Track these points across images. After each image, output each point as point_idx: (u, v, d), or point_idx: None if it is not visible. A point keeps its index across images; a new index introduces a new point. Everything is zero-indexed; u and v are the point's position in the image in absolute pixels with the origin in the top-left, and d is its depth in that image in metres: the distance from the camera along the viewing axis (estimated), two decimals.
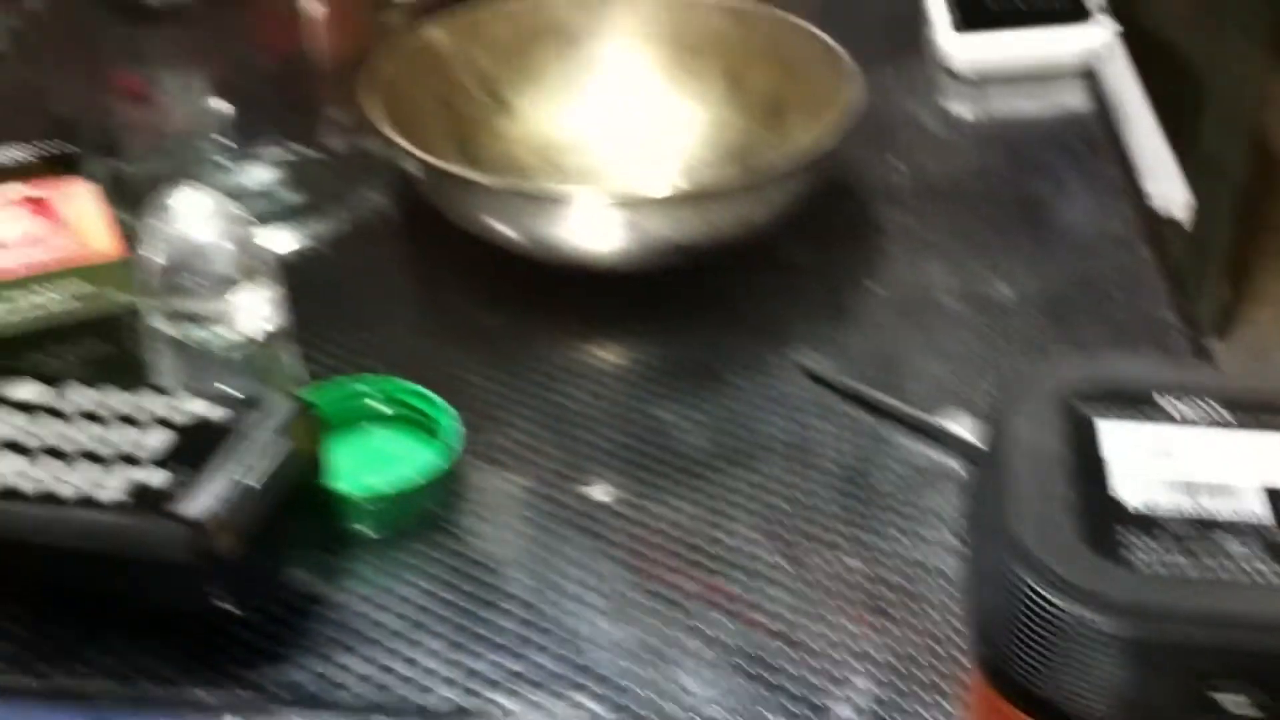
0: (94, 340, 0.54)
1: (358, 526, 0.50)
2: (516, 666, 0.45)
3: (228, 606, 0.43)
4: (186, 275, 0.50)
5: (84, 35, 0.68)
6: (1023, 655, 0.31)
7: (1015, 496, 0.31)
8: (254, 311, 0.51)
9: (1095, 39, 0.76)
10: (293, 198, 0.66)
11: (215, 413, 0.46)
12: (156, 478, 0.43)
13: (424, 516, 0.50)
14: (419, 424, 0.53)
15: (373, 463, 0.52)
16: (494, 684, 0.45)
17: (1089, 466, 0.33)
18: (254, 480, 0.44)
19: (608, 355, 0.59)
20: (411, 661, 0.45)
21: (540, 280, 0.62)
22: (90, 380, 0.49)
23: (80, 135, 0.65)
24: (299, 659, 0.45)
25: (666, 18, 0.69)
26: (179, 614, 0.46)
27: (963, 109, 0.75)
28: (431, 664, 0.45)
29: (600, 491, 0.52)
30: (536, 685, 0.45)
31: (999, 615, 0.32)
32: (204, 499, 0.43)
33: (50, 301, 0.54)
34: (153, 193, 0.64)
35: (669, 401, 0.56)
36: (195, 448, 0.45)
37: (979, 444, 0.52)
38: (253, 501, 0.44)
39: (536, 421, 0.55)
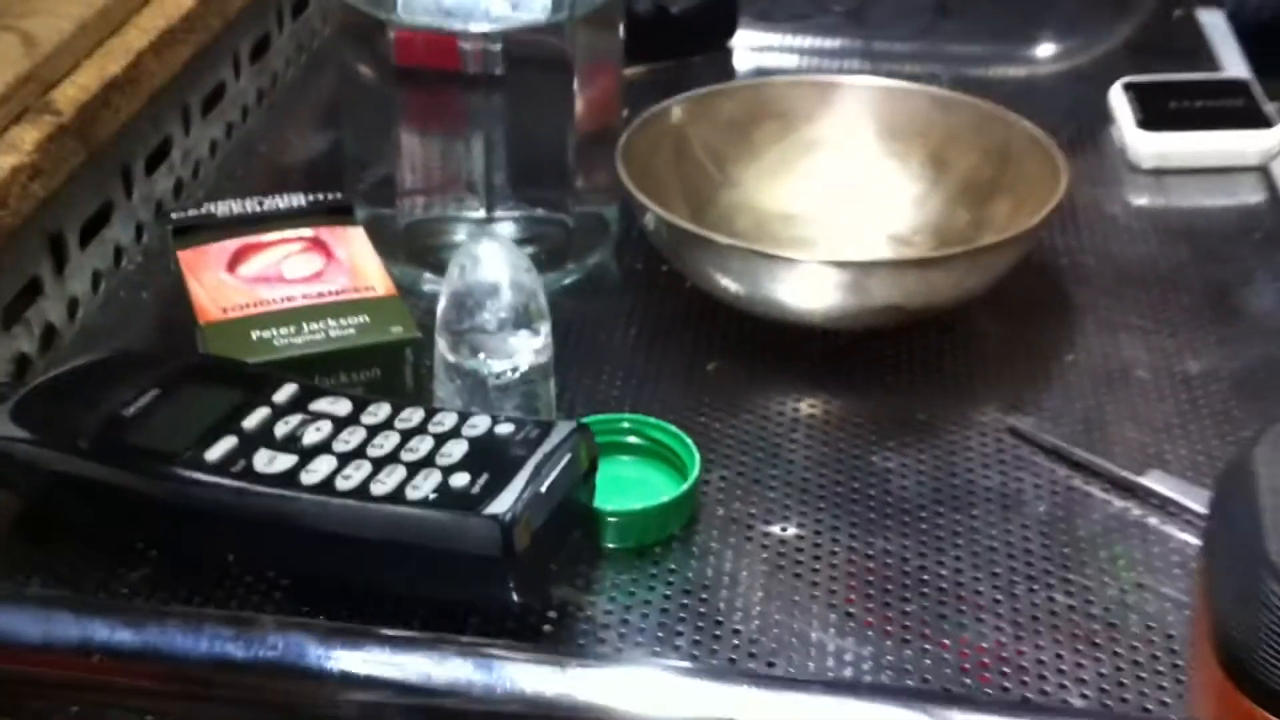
0: (371, 367, 0.61)
1: (607, 540, 0.55)
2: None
3: (515, 597, 0.49)
4: (474, 311, 0.56)
5: (358, 96, 0.76)
6: (1270, 659, 0.36)
7: (1269, 526, 0.36)
8: (527, 347, 0.57)
9: (1272, 142, 0.80)
10: (533, 252, 0.72)
11: (504, 428, 0.52)
12: (459, 480, 0.49)
13: (664, 536, 0.56)
14: (663, 457, 0.59)
15: (621, 487, 0.58)
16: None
17: None
18: (543, 486, 0.50)
19: (823, 405, 0.64)
20: None
21: (759, 334, 0.68)
22: (379, 400, 0.55)
23: (349, 186, 0.73)
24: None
25: (877, 105, 0.75)
26: (456, 607, 0.52)
27: (1144, 200, 0.80)
28: None
29: (820, 525, 0.57)
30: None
31: (1248, 625, 0.37)
32: (506, 499, 0.48)
33: (332, 331, 0.61)
34: (418, 240, 0.72)
35: (883, 450, 0.61)
36: (489, 457, 0.51)
37: (1176, 498, 0.57)
38: (542, 505, 0.49)
39: (760, 460, 0.61)
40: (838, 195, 0.75)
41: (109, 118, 0.70)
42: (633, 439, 0.59)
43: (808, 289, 0.63)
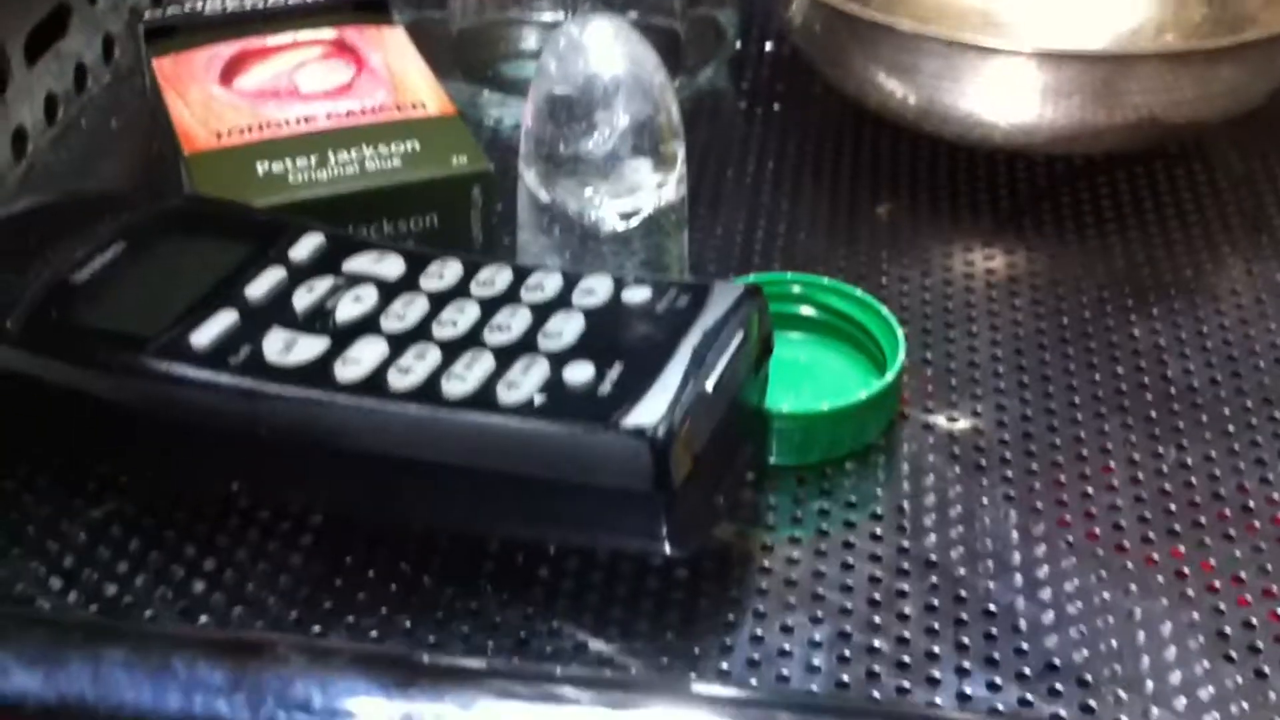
0: (425, 213, 0.43)
1: (778, 455, 0.38)
2: (973, 654, 0.33)
3: (667, 548, 0.32)
4: (577, 127, 0.39)
5: None
6: None
7: None
8: (653, 181, 0.40)
9: None
10: None
11: (636, 294, 0.35)
12: (579, 374, 0.32)
13: (859, 447, 0.39)
14: (847, 335, 0.42)
15: (793, 377, 0.40)
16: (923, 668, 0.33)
17: None
18: (708, 383, 0.32)
19: (1048, 260, 0.47)
20: (843, 635, 0.34)
21: (943, 164, 0.51)
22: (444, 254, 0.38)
23: None
24: (706, 623, 0.34)
25: None
26: (572, 555, 0.35)
27: None
28: (877, 641, 0.34)
29: (1079, 429, 0.40)
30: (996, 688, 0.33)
31: None
32: (655, 404, 0.31)
33: (370, 163, 0.43)
34: (474, 51, 0.54)
35: (1147, 321, 0.44)
36: (620, 338, 0.33)
37: None
38: (707, 410, 0.32)
39: (972, 336, 0.43)
40: None
41: None
42: (805, 310, 0.42)
43: (1031, 97, 0.45)
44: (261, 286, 0.36)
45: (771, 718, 0.28)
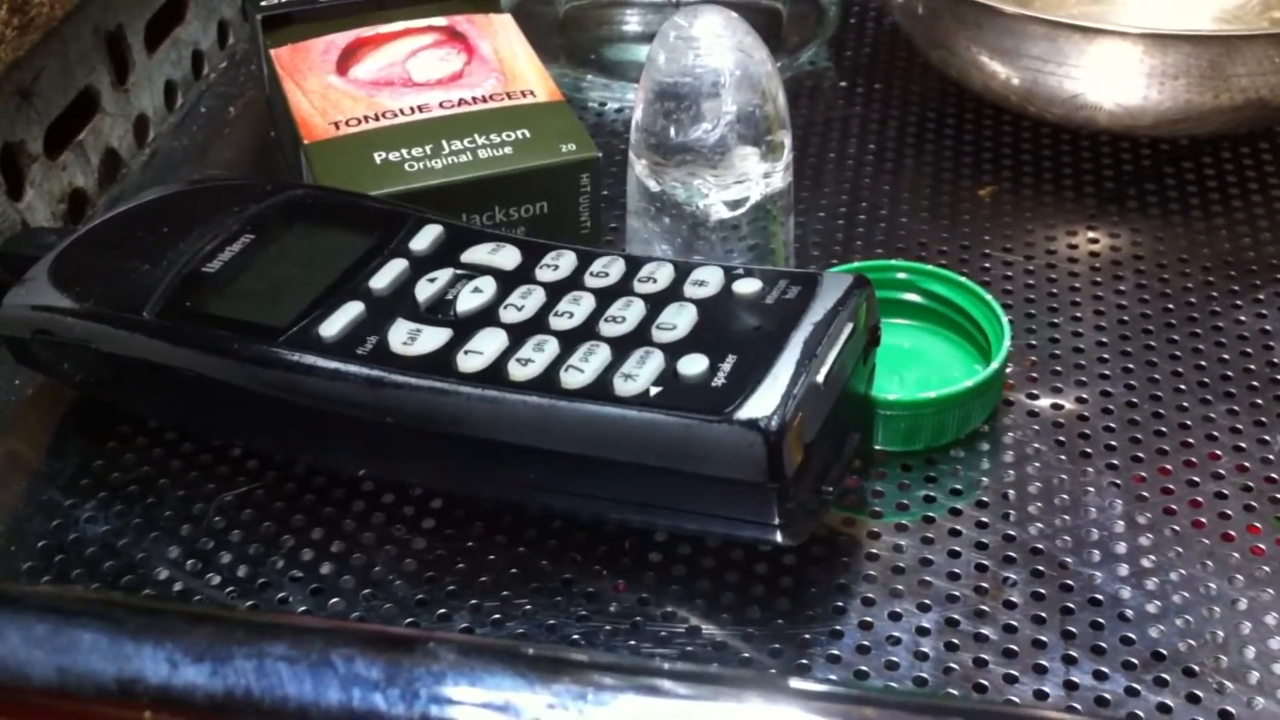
0: (536, 200, 0.44)
1: (883, 442, 0.39)
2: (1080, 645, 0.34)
3: (779, 538, 0.33)
4: (685, 118, 0.40)
5: None
6: None
7: None
8: (760, 170, 0.40)
9: None
10: None
11: (746, 285, 0.36)
12: (693, 366, 0.33)
13: (963, 434, 0.40)
14: (949, 321, 0.42)
15: (897, 364, 0.41)
16: (1030, 658, 0.34)
17: None
18: (819, 375, 0.33)
19: (1152, 243, 0.47)
20: (951, 622, 0.34)
21: (1045, 145, 0.51)
22: (558, 246, 0.39)
23: None
24: (816, 609, 0.35)
25: None
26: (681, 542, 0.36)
27: None
28: (984, 628, 0.34)
29: (1184, 414, 0.40)
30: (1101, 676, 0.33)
31: None
32: (769, 397, 0.32)
33: (482, 151, 0.44)
34: (579, 33, 0.55)
35: (1253, 307, 0.44)
36: (731, 329, 0.34)
37: None
38: (818, 402, 0.33)
39: (1077, 320, 0.44)
40: None
41: None
42: (910, 296, 0.43)
43: (1136, 79, 0.45)
44: (385, 278, 0.37)
45: (860, 714, 0.29)
